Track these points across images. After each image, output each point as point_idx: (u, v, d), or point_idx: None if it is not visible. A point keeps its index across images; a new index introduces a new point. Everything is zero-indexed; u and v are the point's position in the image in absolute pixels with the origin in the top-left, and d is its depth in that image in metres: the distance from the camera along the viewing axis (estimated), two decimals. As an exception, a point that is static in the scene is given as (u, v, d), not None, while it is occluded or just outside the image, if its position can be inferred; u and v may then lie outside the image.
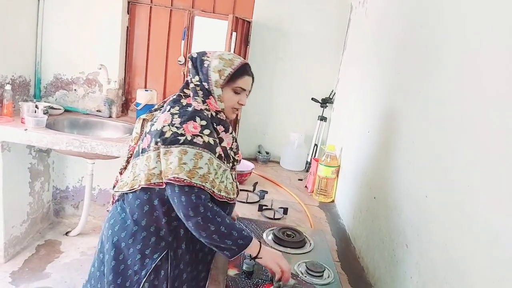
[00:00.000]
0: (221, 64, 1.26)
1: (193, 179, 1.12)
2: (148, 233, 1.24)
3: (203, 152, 1.16)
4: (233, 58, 1.30)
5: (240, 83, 1.29)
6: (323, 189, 2.16)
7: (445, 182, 1.06)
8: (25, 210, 2.58)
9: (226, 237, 1.14)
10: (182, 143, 1.15)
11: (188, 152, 1.14)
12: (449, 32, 1.15)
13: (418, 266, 1.14)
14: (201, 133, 1.17)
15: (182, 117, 1.19)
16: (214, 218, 1.14)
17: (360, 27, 2.29)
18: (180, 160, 1.13)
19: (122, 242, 1.26)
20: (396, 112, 1.49)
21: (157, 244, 1.24)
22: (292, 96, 2.76)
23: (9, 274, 2.33)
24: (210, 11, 2.67)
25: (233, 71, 1.27)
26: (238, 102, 1.31)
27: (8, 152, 2.31)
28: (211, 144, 1.19)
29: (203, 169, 1.15)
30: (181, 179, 1.12)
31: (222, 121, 1.28)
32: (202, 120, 1.20)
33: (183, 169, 1.12)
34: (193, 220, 1.13)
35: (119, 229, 1.27)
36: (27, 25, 2.51)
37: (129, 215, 1.27)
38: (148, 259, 1.23)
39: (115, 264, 1.26)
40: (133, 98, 2.81)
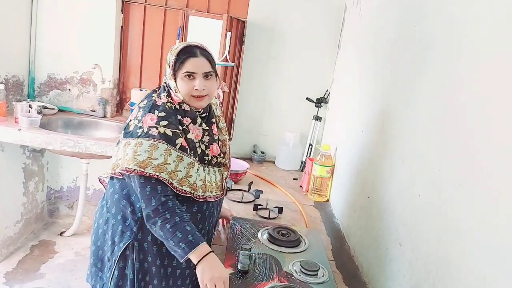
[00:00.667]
0: (169, 56, 1.26)
1: (146, 169, 1.13)
2: (116, 221, 1.27)
3: (158, 143, 1.16)
4: (178, 45, 1.26)
5: (186, 68, 1.23)
6: (318, 189, 2.17)
7: (438, 181, 1.07)
8: (19, 210, 2.57)
9: (170, 236, 1.13)
10: (139, 135, 1.17)
11: (143, 144, 1.16)
12: (443, 31, 1.16)
13: (411, 265, 1.15)
14: (157, 124, 1.18)
15: (144, 110, 1.23)
16: (163, 212, 1.13)
17: (354, 27, 2.30)
18: (135, 152, 1.15)
19: (100, 228, 1.33)
20: (390, 112, 1.50)
21: (123, 232, 1.26)
22: (287, 96, 2.77)
23: (3, 274, 2.31)
24: (204, 11, 2.67)
25: (176, 58, 1.24)
26: (194, 87, 1.24)
27: (2, 152, 2.30)
28: (168, 135, 1.18)
29: (158, 160, 1.14)
30: (130, 170, 1.13)
31: (188, 112, 1.27)
32: (161, 112, 1.21)
33: (136, 160, 1.14)
34: (145, 212, 1.16)
35: (99, 215, 1.35)
36: (21, 25, 2.49)
37: (105, 202, 1.33)
38: (117, 246, 1.26)
39: (94, 248, 1.34)
40: (127, 98, 2.80)
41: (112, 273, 1.26)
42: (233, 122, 2.80)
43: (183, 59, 1.23)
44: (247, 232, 1.54)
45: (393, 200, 1.34)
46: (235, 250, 1.39)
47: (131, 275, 1.25)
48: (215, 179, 1.33)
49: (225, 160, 1.40)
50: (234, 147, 2.81)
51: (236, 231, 1.53)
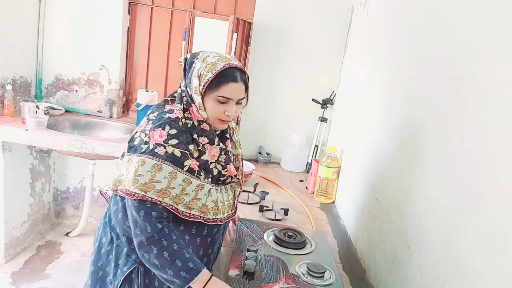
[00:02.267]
0: (202, 68, 1.10)
1: (148, 193, 1.02)
2: (121, 242, 1.16)
3: (163, 165, 1.04)
4: (217, 61, 1.10)
5: (223, 91, 1.10)
6: (324, 190, 2.16)
7: (448, 183, 1.05)
8: (25, 211, 2.58)
9: (168, 266, 1.02)
10: (143, 151, 1.05)
11: (146, 163, 1.03)
12: (452, 31, 1.15)
13: (419, 268, 1.14)
14: (165, 143, 1.05)
15: (154, 124, 1.10)
16: (159, 240, 1.03)
17: (361, 28, 2.29)
18: (136, 171, 1.03)
19: (102, 248, 1.22)
20: (398, 114, 1.48)
21: (128, 256, 1.15)
22: (292, 97, 2.76)
23: (10, 274, 2.32)
24: (211, 12, 2.67)
25: (213, 76, 1.08)
26: (225, 113, 1.13)
27: (9, 153, 2.31)
28: (176, 155, 1.06)
29: (161, 183, 1.03)
30: (131, 192, 1.02)
31: (206, 131, 1.14)
32: (172, 129, 1.08)
33: (137, 181, 1.02)
34: (137, 238, 1.04)
35: (102, 233, 1.23)
36: (29, 26, 2.51)
37: (108, 220, 1.22)
38: (120, 270, 1.16)
39: (94, 269, 1.23)
40: (134, 99, 2.81)
41: None
42: (238, 124, 2.80)
43: (222, 81, 1.09)
44: (253, 233, 1.53)
45: (401, 202, 1.33)
46: (241, 252, 1.38)
47: None
48: (228, 198, 1.24)
49: (239, 177, 1.30)
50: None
51: (242, 232, 1.52)
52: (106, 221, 1.23)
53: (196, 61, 1.13)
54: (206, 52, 1.16)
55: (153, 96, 2.55)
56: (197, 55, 1.15)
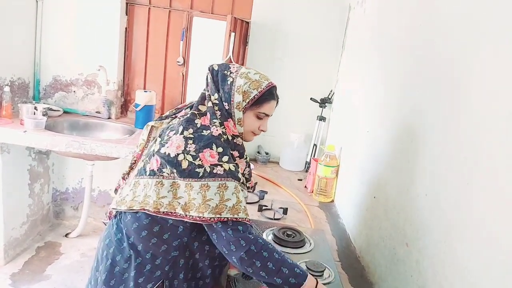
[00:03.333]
0: (247, 85, 1.14)
1: (222, 214, 1.02)
2: (143, 260, 1.13)
3: (227, 182, 1.05)
4: (260, 79, 1.16)
5: (265, 109, 1.17)
6: (323, 189, 2.17)
7: (444, 180, 1.06)
8: (25, 212, 2.58)
9: (275, 275, 1.03)
10: (202, 176, 1.04)
11: (211, 187, 1.03)
12: (450, 29, 1.15)
13: (418, 265, 1.14)
14: (219, 161, 1.06)
15: (198, 143, 1.07)
16: (259, 252, 1.03)
17: (359, 26, 2.30)
18: (204, 197, 1.03)
19: (116, 266, 1.15)
20: (395, 112, 1.49)
21: (152, 273, 1.13)
22: (291, 96, 2.75)
23: (9, 276, 2.32)
24: (208, 12, 2.67)
25: (260, 95, 1.14)
26: (259, 128, 1.20)
27: (8, 154, 2.31)
28: (233, 170, 1.08)
29: (231, 200, 1.04)
30: (206, 219, 1.02)
31: (238, 146, 1.18)
32: (219, 147, 1.08)
33: (208, 206, 1.02)
34: (236, 255, 1.03)
35: (114, 251, 1.16)
36: (26, 27, 2.51)
37: (125, 237, 1.15)
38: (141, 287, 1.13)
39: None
40: (132, 99, 2.81)
41: None
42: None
43: (266, 99, 1.16)
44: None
45: (399, 200, 1.34)
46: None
47: None
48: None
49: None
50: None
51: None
52: (120, 238, 1.16)
53: (231, 75, 1.15)
54: (241, 67, 1.19)
55: (151, 97, 2.55)
56: (229, 68, 1.17)
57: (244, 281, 1.22)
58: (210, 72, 1.18)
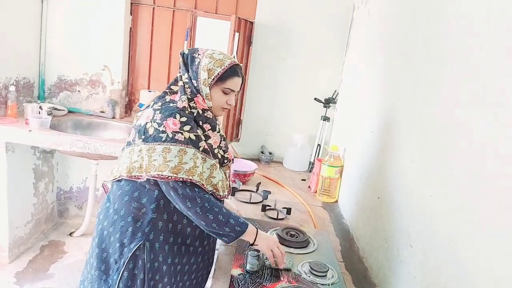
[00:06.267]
0: (211, 64, 1.28)
1: (179, 174, 1.16)
2: (126, 223, 1.26)
3: (186, 148, 1.20)
4: (224, 58, 1.30)
5: (229, 84, 1.31)
6: (327, 189, 2.16)
7: (450, 181, 1.05)
8: (29, 211, 2.60)
9: (225, 225, 1.21)
10: (164, 140, 1.19)
11: (172, 150, 1.18)
12: (455, 29, 1.14)
13: (422, 266, 1.14)
14: (181, 130, 1.20)
15: (163, 113, 1.23)
16: (211, 208, 1.20)
17: (363, 26, 2.29)
18: (164, 158, 1.17)
19: (104, 231, 1.30)
20: (400, 112, 1.48)
21: (133, 234, 1.25)
22: (295, 96, 2.76)
23: (14, 274, 2.34)
24: (212, 12, 2.67)
25: (223, 71, 1.28)
26: (227, 102, 1.33)
27: (13, 153, 2.32)
28: (193, 139, 1.22)
29: (188, 164, 1.19)
30: (164, 176, 1.16)
31: (209, 119, 1.32)
32: (182, 117, 1.22)
33: (167, 166, 1.16)
34: (192, 210, 1.19)
35: (103, 217, 1.33)
36: (31, 27, 2.53)
37: (111, 205, 1.31)
38: (126, 248, 1.25)
39: (98, 251, 1.31)
40: (136, 99, 2.82)
41: (121, 275, 1.25)
42: (241, 123, 2.80)
43: (229, 75, 1.29)
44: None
45: (403, 201, 1.33)
46: (243, 251, 1.38)
47: (142, 275, 1.25)
48: (225, 179, 1.39)
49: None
50: (242, 147, 2.81)
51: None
52: (108, 206, 1.32)
53: (199, 56, 1.30)
54: (208, 49, 1.32)
55: (155, 96, 2.55)
56: (197, 51, 1.32)
57: (248, 281, 1.22)
58: (181, 56, 1.33)
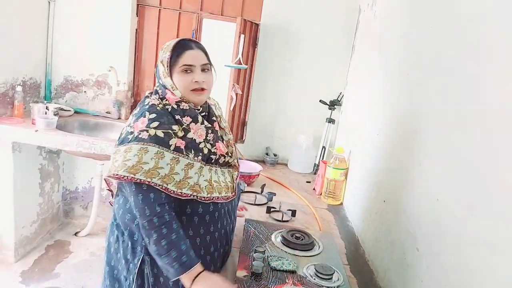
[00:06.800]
0: (161, 53, 1.23)
1: (136, 175, 1.06)
2: (125, 238, 1.21)
3: (148, 147, 1.09)
4: (171, 42, 1.22)
5: (183, 61, 1.19)
6: (332, 192, 2.15)
7: (457, 185, 1.05)
8: (35, 211, 2.61)
9: (164, 253, 1.07)
10: (130, 140, 1.11)
11: (133, 149, 1.09)
12: (461, 31, 1.14)
13: (429, 270, 1.13)
14: (147, 127, 1.12)
15: (135, 115, 1.18)
16: (159, 227, 1.07)
17: (368, 29, 2.28)
18: (124, 157, 1.09)
19: (111, 247, 1.26)
20: (406, 115, 1.48)
21: (134, 248, 1.19)
22: (300, 98, 2.76)
23: (19, 273, 2.35)
24: (218, 14, 2.68)
25: (171, 53, 1.20)
26: (192, 80, 1.20)
27: (19, 153, 2.34)
28: (160, 136, 1.11)
29: (148, 164, 1.07)
30: (120, 176, 1.07)
31: (187, 111, 1.20)
32: (152, 114, 1.15)
33: (125, 165, 1.07)
34: (140, 221, 1.10)
35: (109, 233, 1.28)
36: (38, 28, 2.54)
37: (113, 220, 1.27)
38: (131, 264, 1.20)
39: (109, 269, 1.27)
40: (142, 100, 2.82)
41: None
42: (245, 125, 2.80)
43: (178, 52, 1.19)
44: (261, 234, 1.53)
45: (410, 204, 1.32)
46: (248, 253, 1.38)
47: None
48: (224, 179, 1.27)
49: (233, 160, 1.33)
50: (246, 149, 2.81)
51: (250, 233, 1.53)
52: (112, 221, 1.28)
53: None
54: None
55: (161, 97, 2.56)
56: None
57: (253, 283, 1.22)
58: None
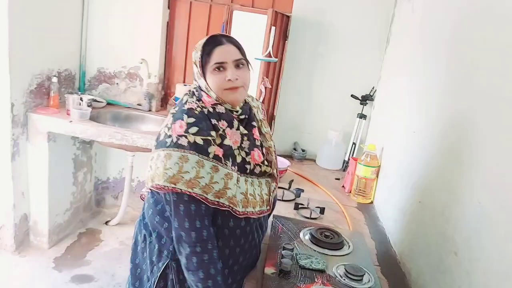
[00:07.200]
0: (193, 54, 1.16)
1: (177, 185, 1.02)
2: (152, 239, 1.19)
3: (189, 155, 1.04)
4: (201, 41, 1.15)
5: (214, 59, 1.11)
6: (362, 190, 2.09)
7: (500, 187, 0.98)
8: (68, 199, 2.69)
9: (192, 270, 1.06)
10: (168, 146, 1.05)
11: (172, 156, 1.04)
12: (505, 26, 1.06)
13: (468, 276, 1.07)
14: (186, 133, 1.06)
15: (174, 116, 1.12)
16: (194, 243, 1.05)
17: (405, 22, 2.19)
18: (164, 165, 1.04)
19: (138, 246, 1.27)
20: (446, 112, 1.40)
21: (160, 252, 1.17)
22: (330, 93, 2.69)
23: (53, 259, 2.44)
24: (249, 5, 2.65)
25: (202, 52, 1.12)
26: (225, 78, 1.12)
27: (54, 143, 2.41)
28: (199, 143, 1.05)
29: (189, 174, 1.03)
30: (161, 186, 1.04)
31: (223, 115, 1.13)
32: (190, 117, 1.09)
33: (165, 175, 1.03)
34: (176, 231, 1.07)
35: (137, 231, 1.29)
36: (73, 21, 2.60)
37: (142, 218, 1.27)
38: (155, 266, 1.18)
39: (132, 267, 1.28)
40: (172, 93, 2.85)
41: None
42: (274, 119, 2.77)
43: (208, 50, 1.12)
44: (289, 231, 1.50)
45: (448, 206, 1.26)
46: (277, 249, 1.36)
47: None
48: (260, 192, 1.20)
49: (272, 170, 1.26)
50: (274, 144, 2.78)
51: (278, 229, 1.50)
52: (141, 219, 1.28)
53: None
54: None
55: (191, 90, 2.57)
56: None
57: (281, 281, 1.20)
58: None
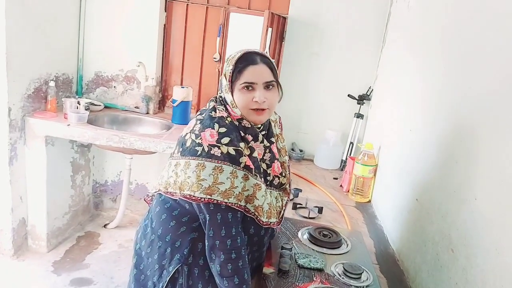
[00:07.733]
0: (225, 66, 1.13)
1: (213, 196, 1.03)
2: (163, 243, 1.17)
3: (223, 166, 1.04)
4: (236, 53, 1.13)
5: (244, 77, 1.10)
6: (360, 189, 2.10)
7: (497, 184, 0.99)
8: (67, 203, 2.69)
9: (227, 276, 1.06)
10: (199, 155, 1.04)
11: (206, 167, 1.03)
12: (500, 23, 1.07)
13: (465, 272, 1.08)
14: (218, 143, 1.05)
15: (203, 123, 1.10)
16: (230, 250, 1.06)
17: (401, 21, 2.20)
18: (198, 176, 1.03)
19: (142, 251, 1.23)
20: (442, 110, 1.41)
21: (172, 255, 1.16)
22: (327, 93, 2.70)
23: (52, 263, 2.43)
24: (245, 8, 2.66)
25: (234, 67, 1.10)
26: (253, 99, 1.11)
27: (52, 146, 2.41)
28: (232, 154, 1.05)
29: (225, 184, 1.03)
30: (197, 198, 1.03)
31: (248, 129, 1.14)
32: (222, 127, 1.08)
33: (200, 186, 1.03)
34: (211, 240, 1.07)
35: (141, 236, 1.25)
36: (71, 24, 2.60)
37: (150, 222, 1.23)
38: (165, 270, 1.16)
39: (136, 273, 1.25)
40: (169, 95, 2.85)
41: None
42: (273, 121, 2.78)
43: (240, 67, 1.10)
44: (287, 231, 1.51)
45: (444, 203, 1.27)
46: (276, 249, 1.36)
47: None
48: (276, 204, 1.22)
49: (286, 183, 1.29)
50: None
51: (276, 229, 1.51)
52: (147, 223, 1.24)
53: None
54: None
55: (188, 92, 2.58)
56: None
57: (280, 280, 1.20)
58: None
